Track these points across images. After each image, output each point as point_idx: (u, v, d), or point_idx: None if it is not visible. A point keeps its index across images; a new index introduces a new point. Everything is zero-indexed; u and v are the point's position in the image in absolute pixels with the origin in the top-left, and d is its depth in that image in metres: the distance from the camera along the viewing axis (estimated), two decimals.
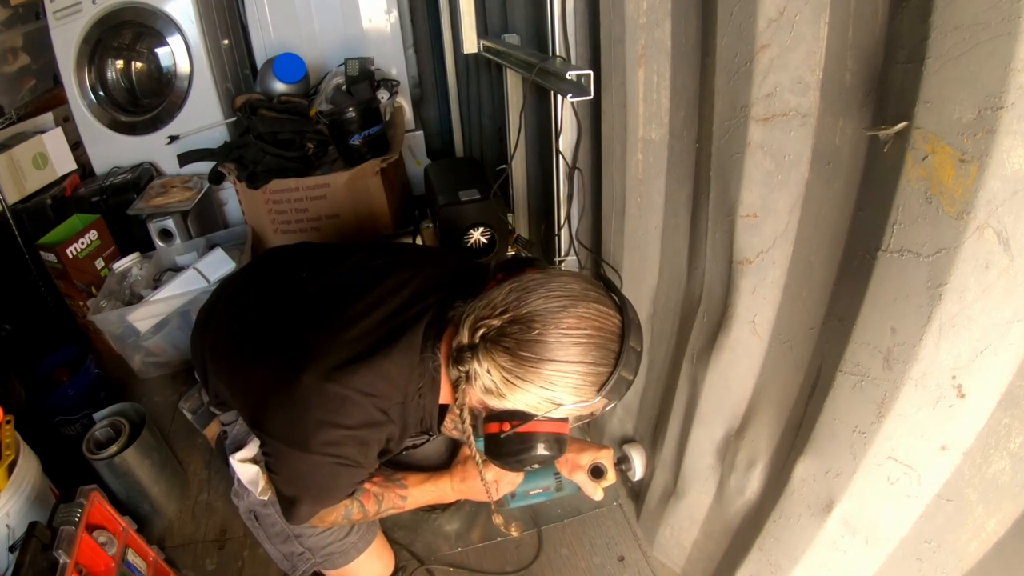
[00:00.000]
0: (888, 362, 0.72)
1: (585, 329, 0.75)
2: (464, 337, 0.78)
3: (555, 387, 0.75)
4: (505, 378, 0.75)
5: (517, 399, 0.76)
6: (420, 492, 1.10)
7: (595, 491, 1.15)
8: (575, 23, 1.25)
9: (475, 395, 0.80)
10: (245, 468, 1.09)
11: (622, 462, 1.41)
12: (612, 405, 0.82)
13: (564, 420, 0.82)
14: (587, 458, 1.16)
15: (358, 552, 1.13)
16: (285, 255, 1.17)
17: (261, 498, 1.07)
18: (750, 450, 1.06)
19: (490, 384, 0.76)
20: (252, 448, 1.10)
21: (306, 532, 1.09)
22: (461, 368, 0.78)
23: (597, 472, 1.18)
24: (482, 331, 0.76)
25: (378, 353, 0.86)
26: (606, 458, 1.16)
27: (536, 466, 0.85)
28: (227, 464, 1.09)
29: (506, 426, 0.80)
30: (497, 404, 0.79)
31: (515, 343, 0.74)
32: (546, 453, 0.82)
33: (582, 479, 1.16)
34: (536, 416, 0.79)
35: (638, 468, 1.39)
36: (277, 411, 0.86)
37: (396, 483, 1.07)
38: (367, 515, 1.04)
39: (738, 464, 1.09)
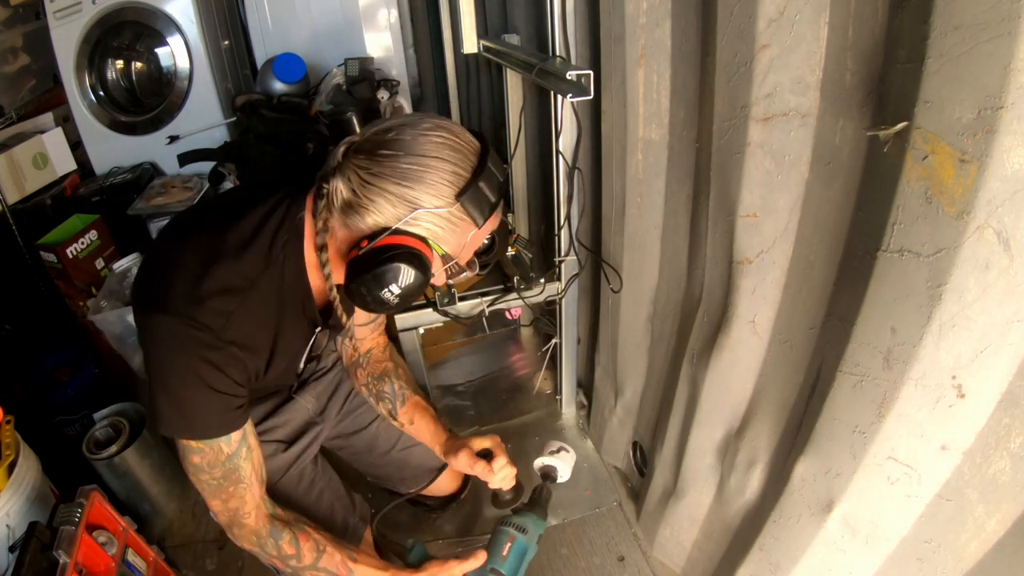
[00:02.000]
0: (888, 362, 0.72)
1: (443, 133, 0.77)
2: (331, 163, 0.78)
3: (411, 182, 0.74)
4: (362, 179, 0.75)
5: (375, 205, 0.75)
6: (368, 572, 0.99)
7: (486, 473, 1.10)
8: (575, 23, 1.25)
9: (338, 226, 0.79)
10: None
11: (547, 476, 1.43)
12: (484, 247, 0.84)
13: (423, 240, 0.77)
14: (476, 444, 1.14)
15: None
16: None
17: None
18: (750, 450, 1.06)
19: (348, 194, 0.76)
20: None
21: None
22: (324, 188, 0.78)
23: (484, 455, 1.17)
24: (344, 148, 0.78)
25: (230, 243, 0.82)
26: (492, 443, 1.14)
27: (395, 290, 0.76)
28: None
29: (364, 243, 0.77)
30: (359, 223, 0.77)
31: (373, 144, 0.76)
32: (408, 267, 0.75)
33: (475, 464, 1.11)
34: (396, 227, 0.76)
35: (563, 472, 1.40)
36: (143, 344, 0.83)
37: (346, 548, 0.98)
38: (300, 558, 0.94)
39: (738, 464, 1.09)
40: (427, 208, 0.75)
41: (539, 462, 1.47)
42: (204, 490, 0.89)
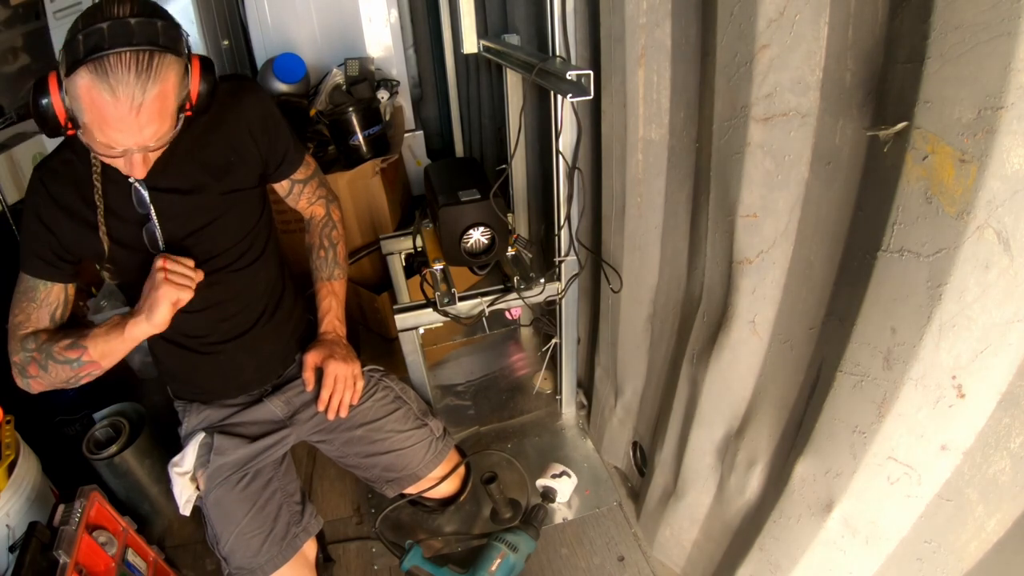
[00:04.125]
0: (888, 362, 0.72)
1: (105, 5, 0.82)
2: None
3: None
4: None
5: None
6: (99, 331, 1.01)
7: (305, 383, 1.22)
8: (575, 23, 1.25)
9: None
10: (176, 479, 1.12)
11: (546, 497, 1.53)
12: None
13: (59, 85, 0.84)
14: (325, 363, 1.21)
15: (265, 573, 1.09)
16: None
17: (183, 513, 1.11)
18: (750, 450, 1.06)
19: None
20: (188, 461, 1.12)
21: (222, 538, 1.09)
22: None
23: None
24: None
25: None
26: (331, 369, 1.20)
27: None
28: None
29: None
30: None
31: None
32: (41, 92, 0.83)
33: (306, 374, 1.22)
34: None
35: (562, 495, 1.53)
36: None
37: (75, 333, 1.02)
38: (39, 344, 0.99)
39: (738, 464, 1.09)
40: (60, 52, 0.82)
41: (540, 483, 1.53)
42: (11, 304, 1.02)
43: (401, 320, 1.45)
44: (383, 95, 2.43)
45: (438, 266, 1.51)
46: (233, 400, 1.22)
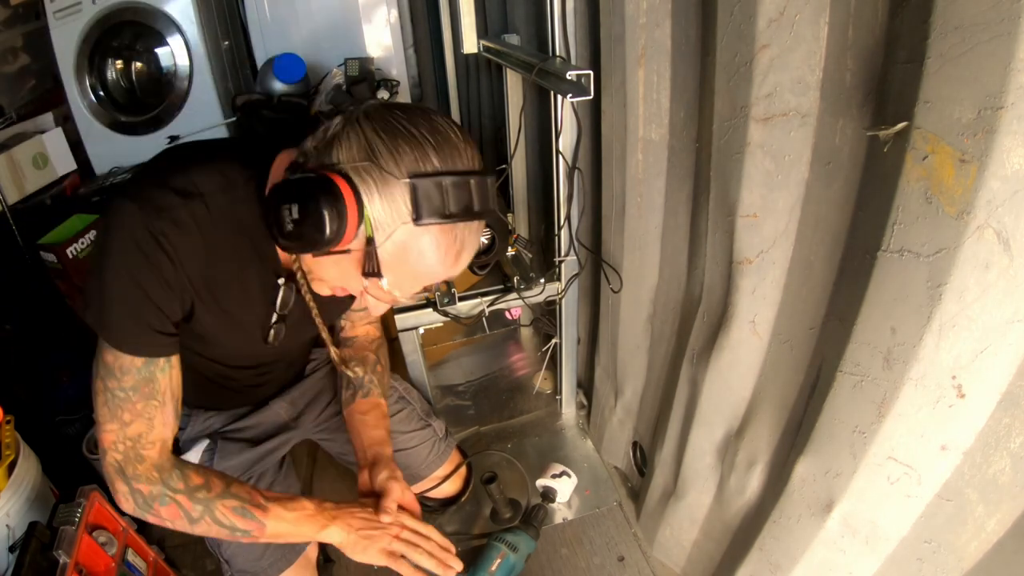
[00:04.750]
0: (888, 362, 0.72)
1: (449, 127, 0.70)
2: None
3: (384, 135, 0.67)
4: (356, 117, 0.69)
5: (345, 141, 0.69)
6: (276, 497, 0.88)
7: (381, 507, 0.94)
8: (575, 23, 1.25)
9: (311, 161, 0.71)
10: None
11: (546, 497, 1.53)
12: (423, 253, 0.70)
13: (356, 195, 0.67)
14: (399, 489, 0.98)
15: None
16: None
17: None
18: (750, 450, 1.06)
19: (334, 131, 0.70)
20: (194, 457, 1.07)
21: (224, 542, 1.05)
22: (323, 122, 0.72)
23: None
24: (370, 104, 0.72)
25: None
26: (407, 503, 0.99)
27: (294, 214, 0.67)
28: None
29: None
30: (324, 158, 0.70)
31: (389, 104, 0.72)
32: (320, 199, 0.65)
33: (383, 500, 0.95)
34: (341, 166, 0.68)
35: (562, 495, 1.53)
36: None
37: (258, 490, 0.87)
38: (210, 486, 0.82)
39: (738, 464, 1.09)
40: (379, 166, 0.67)
41: (540, 483, 1.54)
42: (104, 406, 0.77)
43: (401, 320, 1.45)
44: (383, 95, 2.43)
45: None
46: (235, 408, 1.19)
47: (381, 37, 2.63)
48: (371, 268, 0.70)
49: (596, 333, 1.64)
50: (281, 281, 0.86)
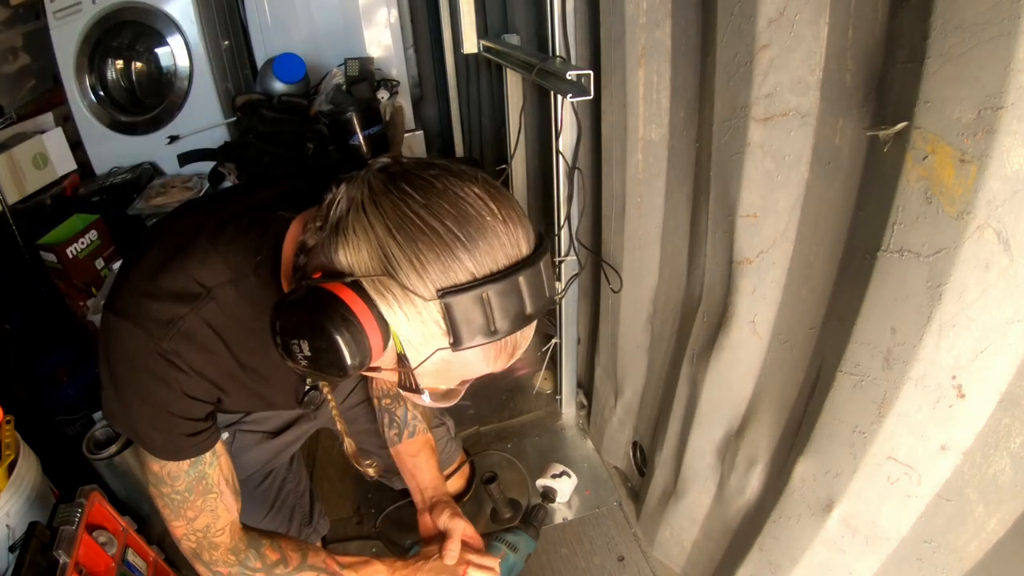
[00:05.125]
0: (888, 362, 0.72)
1: (485, 204, 0.55)
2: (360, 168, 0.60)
3: (401, 239, 0.53)
4: (363, 200, 0.55)
5: (353, 239, 0.55)
6: (350, 561, 0.90)
7: (445, 551, 0.97)
8: (575, 23, 1.25)
9: (318, 249, 0.58)
10: None
11: (546, 496, 1.53)
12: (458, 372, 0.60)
13: (379, 316, 0.55)
14: (462, 527, 1.01)
15: None
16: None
17: None
18: (750, 450, 1.06)
19: (344, 210, 0.56)
20: None
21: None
22: (333, 190, 0.58)
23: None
24: (383, 161, 0.60)
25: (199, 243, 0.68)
26: (471, 541, 1.04)
27: (305, 349, 0.56)
28: None
29: (317, 275, 0.57)
30: (331, 252, 0.57)
31: (405, 172, 0.57)
32: (332, 332, 0.53)
33: (447, 544, 0.98)
34: (357, 279, 0.55)
35: (562, 495, 1.53)
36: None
37: (332, 557, 0.88)
38: (287, 560, 0.84)
39: (738, 464, 1.09)
40: (400, 282, 0.53)
41: (540, 483, 1.55)
42: (166, 507, 0.77)
43: None
44: (383, 95, 2.43)
45: None
46: None
47: (381, 37, 2.63)
48: (407, 384, 0.61)
49: (596, 333, 1.64)
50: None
